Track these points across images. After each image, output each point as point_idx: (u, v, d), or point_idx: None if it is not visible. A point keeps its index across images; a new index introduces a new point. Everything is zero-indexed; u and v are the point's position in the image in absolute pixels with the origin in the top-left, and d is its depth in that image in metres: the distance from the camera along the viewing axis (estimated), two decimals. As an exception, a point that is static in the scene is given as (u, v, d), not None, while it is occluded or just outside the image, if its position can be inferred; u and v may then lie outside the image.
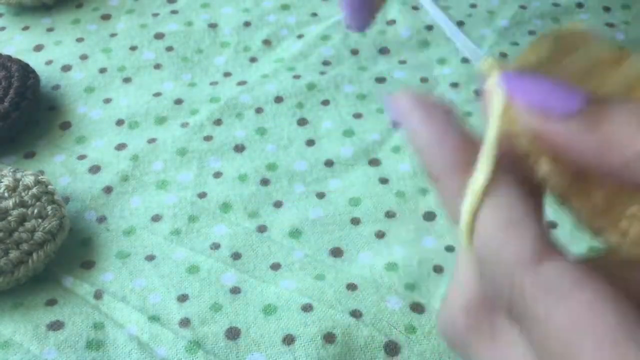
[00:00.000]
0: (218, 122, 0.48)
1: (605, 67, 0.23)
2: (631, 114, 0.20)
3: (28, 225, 0.39)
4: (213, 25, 0.55)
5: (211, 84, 0.51)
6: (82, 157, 0.46)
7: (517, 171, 0.23)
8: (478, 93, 0.28)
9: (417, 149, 0.23)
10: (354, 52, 0.53)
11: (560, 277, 0.20)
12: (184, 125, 0.48)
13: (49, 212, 0.40)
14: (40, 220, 0.39)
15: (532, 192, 0.23)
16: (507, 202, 0.21)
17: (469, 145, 0.22)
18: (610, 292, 0.19)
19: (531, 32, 0.55)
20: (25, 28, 0.56)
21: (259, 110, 0.49)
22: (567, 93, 0.21)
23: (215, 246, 0.41)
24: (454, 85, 0.50)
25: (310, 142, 0.47)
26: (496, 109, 0.23)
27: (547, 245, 0.20)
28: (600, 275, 0.20)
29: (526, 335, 0.20)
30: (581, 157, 0.21)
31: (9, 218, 0.39)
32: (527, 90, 0.22)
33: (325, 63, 0.52)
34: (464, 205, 0.21)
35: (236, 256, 0.40)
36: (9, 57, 0.50)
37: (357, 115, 0.48)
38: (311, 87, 0.50)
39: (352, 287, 0.38)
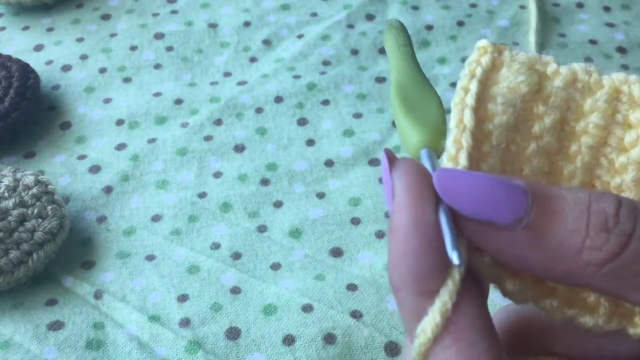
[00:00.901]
0: (218, 122, 0.48)
1: (580, 98, 0.23)
2: (577, 218, 0.19)
3: (28, 225, 0.39)
4: (213, 25, 0.55)
5: (211, 84, 0.51)
6: (82, 157, 0.46)
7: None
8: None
9: (391, 248, 0.21)
10: (354, 52, 0.53)
11: None
12: (184, 125, 0.48)
13: (49, 212, 0.40)
14: (40, 220, 0.39)
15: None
16: (460, 341, 0.20)
17: (437, 273, 0.20)
18: None
19: (531, 32, 0.55)
20: (25, 28, 0.56)
21: (259, 110, 0.49)
22: (508, 195, 0.20)
23: (215, 246, 0.41)
24: (454, 85, 0.50)
25: (310, 142, 0.47)
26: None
27: None
28: None
29: None
30: (526, 266, 0.20)
31: (9, 218, 0.39)
32: (464, 198, 0.20)
33: (325, 63, 0.52)
34: (415, 345, 0.20)
35: (236, 256, 0.40)
36: (9, 57, 0.50)
37: (357, 115, 0.48)
38: (311, 87, 0.50)
39: (352, 287, 0.38)
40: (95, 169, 0.45)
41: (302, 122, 0.48)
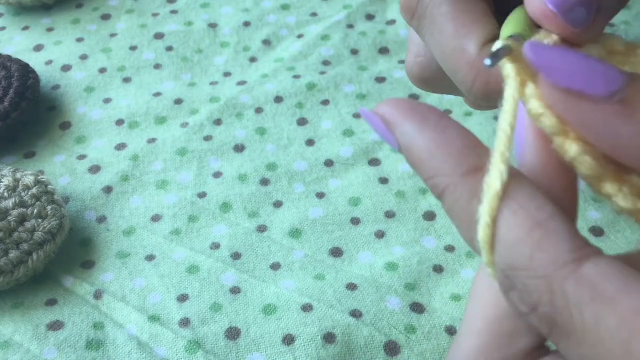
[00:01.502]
0: (218, 122, 0.48)
1: (619, 57, 0.21)
2: None
3: (28, 225, 0.39)
4: (213, 25, 0.55)
5: (211, 84, 0.51)
6: (82, 157, 0.46)
7: (542, 160, 0.20)
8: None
9: (416, 161, 0.20)
10: (354, 52, 0.53)
11: (605, 279, 0.18)
12: (184, 125, 0.48)
13: (49, 212, 0.40)
14: (40, 220, 0.39)
15: (563, 185, 0.20)
16: (530, 203, 0.19)
17: (474, 148, 0.20)
18: None
19: (531, 32, 0.55)
20: (25, 28, 0.56)
21: (259, 110, 0.49)
22: (604, 70, 0.18)
23: (215, 246, 0.41)
24: (454, 85, 0.50)
25: (310, 142, 0.47)
26: (510, 92, 0.20)
27: (583, 244, 0.18)
28: None
29: (572, 350, 0.18)
30: (618, 146, 0.19)
31: (9, 218, 0.39)
32: (557, 64, 0.19)
33: (325, 63, 0.52)
34: (480, 213, 0.19)
35: (236, 256, 0.40)
36: (9, 57, 0.50)
37: (357, 115, 0.48)
38: (311, 87, 0.50)
39: (352, 287, 0.38)
40: (95, 169, 0.45)
41: (302, 122, 0.48)
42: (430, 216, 0.42)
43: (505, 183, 0.19)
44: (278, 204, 0.43)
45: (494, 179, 0.19)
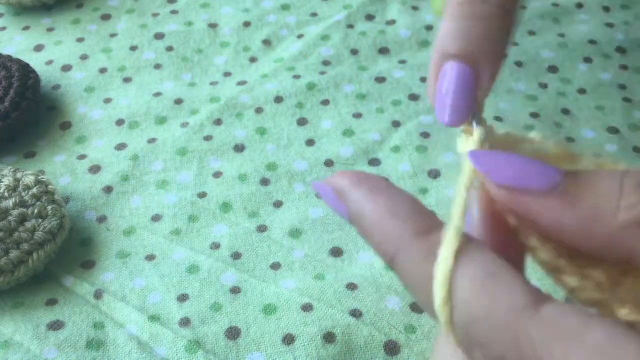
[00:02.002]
0: (218, 122, 0.48)
1: (558, 160, 0.22)
2: (610, 183, 0.19)
3: (28, 225, 0.39)
4: (213, 26, 0.55)
5: (211, 84, 0.51)
6: (82, 157, 0.46)
7: (500, 234, 0.21)
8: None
9: (366, 228, 0.21)
10: (354, 52, 0.53)
11: (566, 318, 0.18)
12: (184, 125, 0.48)
13: (50, 212, 0.40)
14: (40, 220, 0.39)
15: (515, 257, 0.21)
16: (482, 257, 0.19)
17: (422, 212, 0.20)
18: (619, 325, 0.18)
19: (531, 33, 0.55)
20: (26, 28, 0.56)
21: (259, 110, 0.49)
22: (541, 168, 0.20)
23: (216, 246, 0.41)
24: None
25: (310, 142, 0.47)
26: (465, 175, 0.21)
27: (536, 290, 0.19)
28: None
29: None
30: (564, 233, 0.20)
31: (10, 218, 0.39)
32: (500, 167, 0.20)
33: (325, 63, 0.52)
34: (436, 272, 0.19)
35: (236, 256, 0.40)
36: (9, 57, 0.50)
37: (357, 115, 0.48)
38: (311, 87, 0.50)
39: (352, 287, 0.38)
40: (95, 169, 0.45)
41: (302, 122, 0.48)
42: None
43: (461, 242, 0.19)
44: (278, 204, 0.43)
45: (450, 237, 0.19)
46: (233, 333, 0.37)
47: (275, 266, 0.40)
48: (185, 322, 0.37)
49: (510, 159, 0.20)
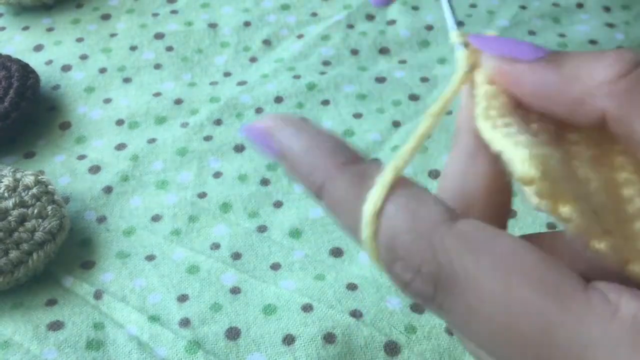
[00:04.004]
0: (218, 122, 0.48)
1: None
2: (589, 56, 0.22)
3: (28, 225, 0.39)
4: (213, 25, 0.55)
5: (211, 84, 0.51)
6: (82, 157, 0.46)
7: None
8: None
9: (294, 163, 0.22)
10: (354, 52, 0.53)
11: (478, 230, 0.20)
12: (184, 125, 0.48)
13: (49, 212, 0.40)
14: (40, 220, 0.39)
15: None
16: (409, 185, 0.21)
17: (346, 146, 0.22)
18: (523, 240, 0.20)
19: (531, 32, 0.55)
20: (25, 28, 0.56)
21: (259, 110, 0.49)
22: (531, 45, 0.23)
23: (215, 246, 0.41)
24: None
25: (310, 142, 0.47)
26: (455, 78, 0.24)
27: (454, 209, 0.21)
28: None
29: (458, 303, 0.20)
30: (544, 94, 0.22)
31: (9, 218, 0.39)
32: (495, 45, 0.23)
33: (325, 63, 0.52)
34: (370, 193, 0.21)
35: (236, 256, 0.40)
36: (8, 57, 0.50)
37: (357, 115, 0.48)
38: (311, 87, 0.50)
39: (352, 287, 0.38)
40: (95, 169, 0.45)
41: (302, 122, 0.48)
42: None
43: (397, 176, 0.21)
44: (278, 204, 0.43)
45: (389, 168, 0.21)
46: (233, 333, 0.37)
47: (275, 266, 0.40)
48: (185, 322, 0.37)
49: (504, 39, 0.23)
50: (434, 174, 0.44)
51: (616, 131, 0.22)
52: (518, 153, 0.21)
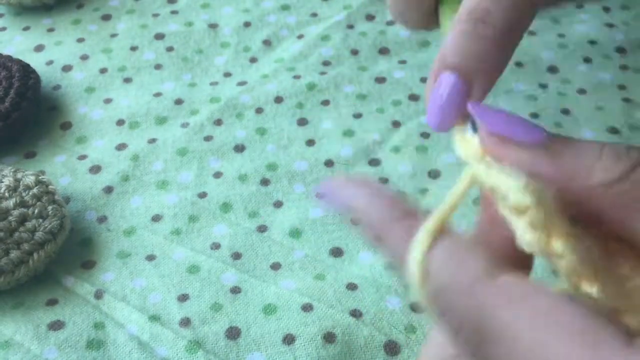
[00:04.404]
0: (218, 122, 0.48)
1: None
2: (590, 147, 0.22)
3: (29, 225, 0.39)
4: (213, 26, 0.55)
5: (211, 84, 0.51)
6: (82, 157, 0.46)
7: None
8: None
9: (357, 216, 0.23)
10: (354, 52, 0.53)
11: (520, 285, 0.20)
12: (184, 125, 0.48)
13: (50, 212, 0.40)
14: (40, 220, 0.40)
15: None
16: (455, 236, 0.21)
17: (403, 200, 0.23)
18: (564, 295, 0.20)
19: (531, 33, 0.55)
20: (26, 28, 0.56)
21: (259, 111, 0.49)
22: (530, 125, 0.23)
23: (216, 246, 0.41)
24: (454, 85, 0.50)
25: (310, 142, 0.47)
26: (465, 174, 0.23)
27: (499, 263, 0.21)
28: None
29: (499, 355, 0.20)
30: (547, 183, 0.22)
31: (10, 218, 0.39)
32: (493, 118, 0.23)
33: (325, 63, 0.52)
34: (415, 242, 0.21)
35: (236, 256, 0.40)
36: (9, 58, 0.50)
37: (357, 115, 0.48)
38: (311, 87, 0.50)
39: (352, 286, 0.38)
40: (95, 169, 0.45)
41: (302, 122, 0.48)
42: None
43: (441, 224, 0.21)
44: (278, 204, 0.43)
45: (432, 219, 0.22)
46: (233, 333, 0.37)
47: (275, 266, 0.40)
48: (186, 322, 0.37)
49: (504, 114, 0.23)
50: (434, 174, 0.44)
51: (617, 232, 0.22)
52: (513, 182, 0.21)
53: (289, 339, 0.36)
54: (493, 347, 0.20)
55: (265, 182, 0.44)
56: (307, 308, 0.37)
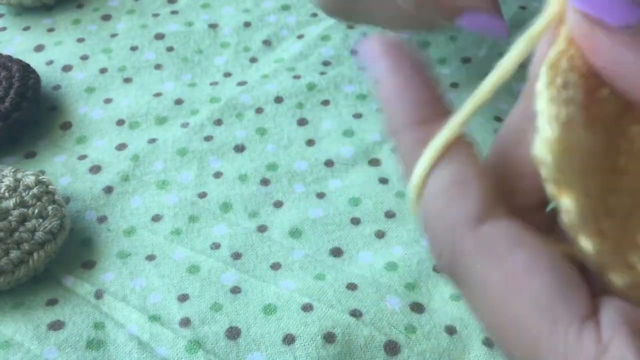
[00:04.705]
0: (218, 122, 0.48)
1: None
2: None
3: (29, 225, 0.39)
4: (213, 26, 0.55)
5: (211, 84, 0.51)
6: (82, 157, 0.46)
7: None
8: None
9: (381, 99, 0.23)
10: (354, 52, 0.53)
11: (499, 238, 0.20)
12: (184, 125, 0.48)
13: (50, 212, 0.40)
14: (40, 220, 0.40)
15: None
16: (459, 163, 0.21)
17: (431, 101, 0.22)
18: (547, 253, 0.20)
19: (531, 32, 0.55)
20: (26, 28, 0.56)
21: (259, 111, 0.49)
22: (625, 5, 0.19)
23: (216, 246, 0.41)
24: (454, 85, 0.51)
25: (310, 142, 0.47)
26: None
27: (492, 205, 0.21)
28: (540, 235, 0.20)
29: (467, 297, 0.21)
30: (617, 75, 0.20)
31: (10, 218, 0.39)
32: None
33: (325, 63, 0.52)
34: (418, 162, 0.21)
35: (236, 256, 0.40)
36: (9, 58, 0.50)
37: (357, 115, 0.48)
38: (311, 87, 0.50)
39: (352, 286, 0.38)
40: (95, 169, 0.45)
41: (302, 122, 0.48)
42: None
43: (449, 142, 0.21)
44: (278, 204, 0.43)
45: (442, 136, 0.21)
46: (233, 333, 0.37)
47: (275, 266, 0.40)
48: (185, 322, 0.37)
49: None
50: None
51: None
52: (545, 129, 0.20)
53: (289, 339, 0.36)
54: (462, 286, 0.21)
55: (265, 182, 0.44)
56: (307, 308, 0.37)
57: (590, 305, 0.19)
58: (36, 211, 0.40)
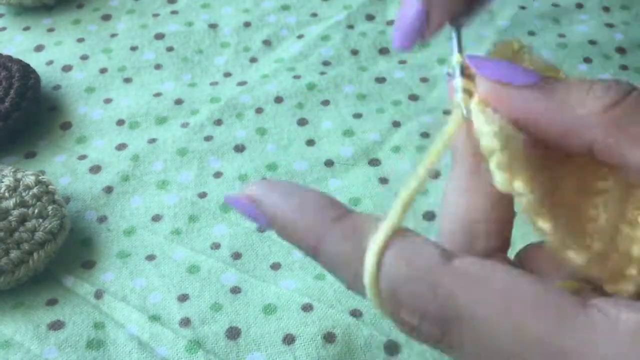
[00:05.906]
0: (218, 122, 0.48)
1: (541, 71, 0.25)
2: (581, 83, 0.23)
3: (29, 225, 0.39)
4: (213, 26, 0.55)
5: (211, 84, 0.51)
6: (82, 157, 0.46)
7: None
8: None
9: (287, 226, 0.22)
10: (354, 52, 0.53)
11: (474, 265, 0.21)
12: (185, 125, 0.48)
13: (50, 212, 0.40)
14: (40, 220, 0.40)
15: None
16: (408, 240, 0.22)
17: (333, 202, 0.23)
18: (515, 270, 0.21)
19: (531, 33, 0.55)
20: (26, 28, 0.56)
21: (259, 111, 0.49)
22: (524, 71, 0.24)
23: (216, 246, 0.41)
24: (454, 85, 0.51)
25: (310, 142, 0.47)
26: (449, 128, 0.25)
27: (448, 250, 0.21)
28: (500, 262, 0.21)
29: (466, 338, 0.20)
30: (534, 120, 0.23)
31: (10, 218, 0.39)
32: (489, 67, 0.24)
33: (325, 63, 0.52)
34: (368, 250, 0.21)
35: (236, 256, 0.40)
36: (9, 58, 0.50)
37: (357, 115, 0.48)
38: (311, 87, 0.50)
39: (352, 286, 0.38)
40: (95, 169, 0.45)
41: (302, 122, 0.48)
42: (430, 216, 0.42)
43: (396, 223, 0.22)
44: (278, 204, 0.43)
45: (387, 220, 0.22)
46: (233, 333, 0.37)
47: (275, 266, 0.40)
48: (186, 322, 0.37)
49: (500, 62, 0.24)
50: (434, 174, 0.44)
51: (605, 159, 0.22)
52: (487, 128, 0.23)
53: (289, 339, 0.36)
54: (458, 331, 0.20)
55: (265, 182, 0.44)
56: (307, 308, 0.37)
57: (582, 299, 0.20)
58: (36, 211, 0.40)
